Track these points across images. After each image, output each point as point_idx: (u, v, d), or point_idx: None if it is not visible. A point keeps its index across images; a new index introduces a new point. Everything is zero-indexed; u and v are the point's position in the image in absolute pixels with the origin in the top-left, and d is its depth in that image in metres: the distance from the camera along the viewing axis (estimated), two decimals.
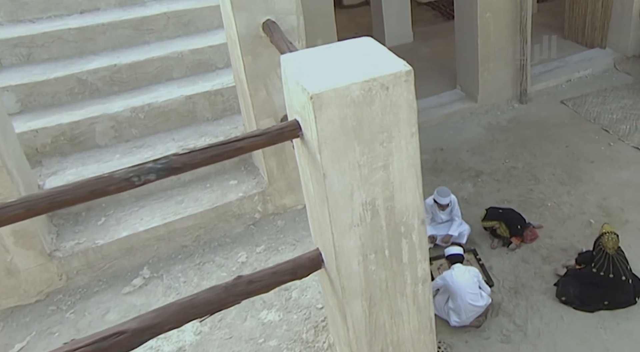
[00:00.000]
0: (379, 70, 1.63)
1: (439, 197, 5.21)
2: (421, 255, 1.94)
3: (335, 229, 1.71)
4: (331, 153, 1.61)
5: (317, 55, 1.75)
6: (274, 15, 2.55)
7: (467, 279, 4.50)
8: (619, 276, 4.45)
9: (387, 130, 1.69)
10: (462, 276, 4.50)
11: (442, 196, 5.22)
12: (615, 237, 4.50)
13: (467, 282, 4.49)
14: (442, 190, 5.28)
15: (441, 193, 5.24)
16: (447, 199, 5.22)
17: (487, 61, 7.38)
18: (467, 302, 4.46)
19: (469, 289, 4.49)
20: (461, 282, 4.47)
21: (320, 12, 6.15)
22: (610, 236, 4.49)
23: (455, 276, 4.49)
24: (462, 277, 4.49)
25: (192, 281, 2.44)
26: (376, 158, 1.70)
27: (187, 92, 3.01)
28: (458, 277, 4.49)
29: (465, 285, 4.48)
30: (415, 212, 1.86)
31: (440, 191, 5.26)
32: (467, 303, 4.47)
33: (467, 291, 4.47)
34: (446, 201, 5.22)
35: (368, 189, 1.72)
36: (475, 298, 4.52)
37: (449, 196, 5.26)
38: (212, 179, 2.87)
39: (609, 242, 4.48)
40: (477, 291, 4.55)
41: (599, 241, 4.56)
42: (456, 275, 4.50)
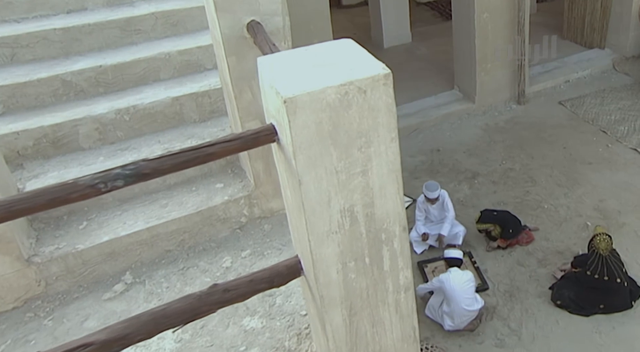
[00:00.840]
0: (356, 74, 1.59)
1: (427, 191, 5.19)
2: (403, 262, 1.90)
3: (312, 237, 1.66)
4: (307, 159, 1.57)
5: (294, 58, 1.71)
6: (258, 16, 2.51)
7: (463, 284, 4.44)
8: (613, 278, 4.40)
9: (365, 135, 1.64)
10: (458, 279, 4.44)
11: (430, 190, 5.19)
12: (607, 239, 4.45)
13: (463, 286, 4.44)
14: (430, 184, 5.25)
15: (429, 187, 5.20)
16: (436, 192, 5.19)
17: (485, 62, 7.33)
18: (462, 307, 4.41)
19: (465, 293, 4.44)
20: (457, 286, 4.41)
21: (316, 12, 6.10)
22: (602, 237, 4.44)
23: (452, 280, 4.43)
24: (458, 281, 4.43)
25: (175, 286, 2.40)
26: (354, 164, 1.65)
27: (173, 93, 2.96)
28: (454, 280, 4.43)
29: (461, 289, 4.42)
30: (397, 218, 1.81)
31: (429, 185, 5.23)
32: (462, 308, 4.42)
33: (462, 296, 4.41)
34: (435, 195, 5.18)
35: (346, 196, 1.67)
36: (470, 303, 4.47)
37: (438, 190, 5.22)
38: (198, 182, 2.83)
39: (601, 244, 4.43)
40: (472, 296, 4.50)
41: (591, 243, 4.51)
42: (453, 278, 4.44)
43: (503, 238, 5.18)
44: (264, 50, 2.21)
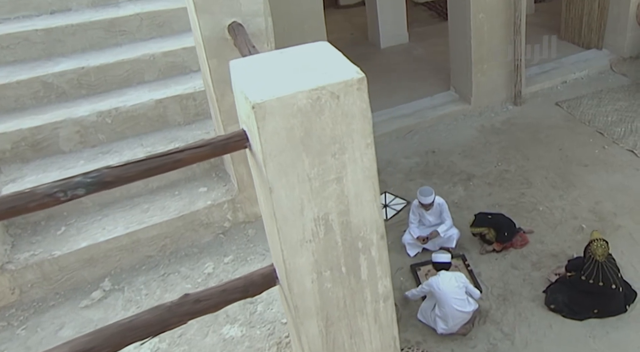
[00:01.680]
0: (329, 78, 1.54)
1: (421, 196, 5.12)
2: (382, 271, 1.85)
3: (285, 246, 1.61)
4: (277, 166, 1.52)
5: (267, 61, 1.66)
6: (240, 18, 2.46)
7: (452, 285, 4.41)
8: (609, 284, 4.35)
9: (339, 141, 1.59)
10: (447, 282, 4.40)
11: (424, 195, 5.12)
12: (604, 244, 4.39)
13: (452, 288, 4.40)
14: (424, 189, 5.18)
15: (423, 192, 5.14)
16: (430, 198, 5.12)
17: (481, 62, 7.28)
18: (453, 308, 4.37)
19: (455, 295, 4.40)
20: (447, 288, 4.37)
21: (309, 12, 6.05)
22: (599, 243, 4.38)
23: (441, 283, 4.40)
24: (447, 284, 4.39)
25: (155, 293, 2.35)
26: (328, 171, 1.61)
27: (157, 95, 2.92)
28: (444, 283, 4.40)
29: (451, 291, 4.38)
30: (374, 226, 1.77)
31: (423, 190, 5.17)
32: (454, 309, 4.38)
33: (453, 297, 4.37)
34: (429, 200, 5.12)
35: (320, 203, 1.63)
36: (462, 304, 4.42)
37: (432, 195, 5.15)
38: (182, 186, 2.79)
39: (598, 249, 4.37)
40: (463, 297, 4.46)
41: (588, 248, 4.46)
42: (442, 281, 4.40)
43: (498, 241, 5.13)
44: (243, 52, 2.17)
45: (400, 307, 4.72)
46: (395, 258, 5.26)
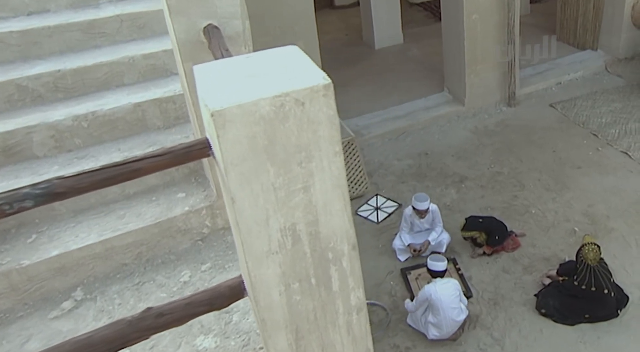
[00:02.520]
0: (293, 84, 1.49)
1: (417, 202, 5.04)
2: (354, 282, 1.80)
3: (250, 257, 1.56)
4: (240, 175, 1.47)
5: (231, 66, 1.61)
6: (216, 20, 2.40)
7: (450, 294, 4.29)
8: (601, 289, 4.29)
9: (305, 149, 1.54)
10: (445, 290, 4.29)
11: (419, 201, 5.05)
12: (596, 248, 4.34)
13: (450, 297, 4.29)
14: (420, 195, 5.11)
15: (419, 198, 5.07)
16: (425, 204, 5.06)
17: (475, 63, 7.23)
18: (450, 317, 4.30)
19: (453, 303, 4.30)
20: (445, 297, 4.27)
21: (300, 13, 5.99)
22: (590, 247, 4.33)
23: (439, 291, 4.27)
24: (445, 292, 4.28)
25: (128, 302, 2.30)
26: (294, 180, 1.55)
27: (136, 99, 2.86)
28: (442, 292, 4.26)
29: (449, 300, 4.28)
30: (344, 236, 1.71)
31: (418, 196, 5.10)
32: (450, 318, 4.31)
33: (450, 306, 4.28)
34: (424, 207, 5.05)
35: (286, 213, 1.57)
36: (458, 313, 4.35)
37: (427, 201, 5.09)
38: (160, 191, 2.73)
39: (590, 254, 4.32)
40: (459, 305, 4.38)
41: (579, 252, 4.41)
42: (440, 289, 4.27)
43: (489, 245, 5.07)
44: (216, 55, 2.11)
45: (389, 312, 4.67)
46: (386, 262, 5.21)
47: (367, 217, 5.77)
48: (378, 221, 5.71)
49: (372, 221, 5.72)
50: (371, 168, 6.50)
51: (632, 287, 4.70)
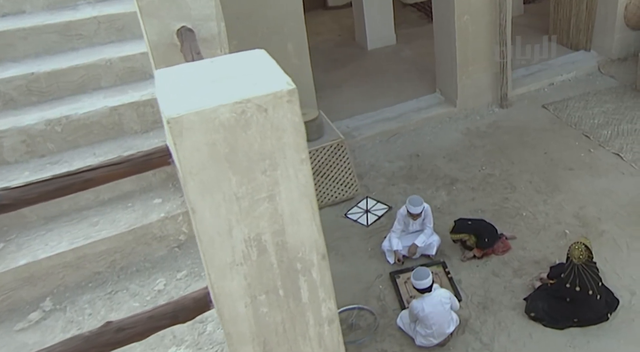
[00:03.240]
0: (256, 90, 1.43)
1: (411, 206, 4.98)
2: (325, 293, 1.74)
3: (212, 269, 1.50)
4: (200, 185, 1.41)
5: (194, 71, 1.55)
6: (190, 22, 2.35)
7: (439, 309, 4.21)
8: (585, 290, 4.24)
9: (269, 157, 1.48)
10: (434, 305, 4.20)
11: (413, 205, 4.99)
12: (582, 247, 4.30)
13: (439, 311, 4.21)
14: (415, 199, 5.05)
15: (413, 202, 5.01)
16: (419, 208, 5.01)
17: (466, 65, 7.18)
18: (440, 331, 4.23)
19: (443, 317, 4.22)
20: (434, 313, 4.18)
21: (289, 13, 5.94)
22: (577, 246, 4.30)
23: (426, 308, 4.18)
24: (434, 308, 4.19)
25: (99, 313, 2.24)
26: (258, 188, 1.50)
27: (112, 102, 2.80)
28: (430, 308, 4.18)
29: (439, 314, 4.20)
30: (313, 246, 1.66)
31: (413, 199, 5.04)
32: (441, 332, 4.25)
33: (441, 321, 4.21)
34: (418, 210, 5.00)
35: (251, 223, 1.52)
36: (449, 324, 4.29)
37: (421, 205, 5.04)
38: (136, 197, 2.67)
39: (574, 252, 4.28)
40: (449, 317, 4.30)
41: (568, 250, 4.38)
42: (428, 306, 4.19)
43: (479, 247, 5.02)
44: (187, 59, 2.06)
45: (377, 317, 4.62)
46: (375, 265, 5.16)
47: (357, 220, 5.72)
48: (368, 224, 5.65)
49: (362, 223, 5.67)
50: (362, 170, 6.45)
51: (623, 291, 4.66)
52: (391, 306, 4.72)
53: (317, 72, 8.62)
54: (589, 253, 4.34)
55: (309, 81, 6.34)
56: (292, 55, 6.09)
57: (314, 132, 5.76)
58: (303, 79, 6.28)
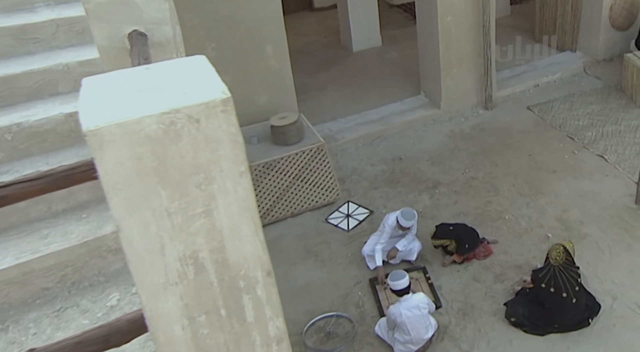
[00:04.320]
0: (187, 99, 1.34)
1: (403, 219, 4.86)
2: (272, 311, 1.65)
3: (144, 290, 1.41)
4: (125, 201, 1.32)
5: (123, 79, 1.46)
6: (142, 26, 2.25)
7: (416, 313, 4.13)
8: (559, 292, 4.17)
9: (204, 170, 1.39)
10: (411, 311, 4.11)
11: (406, 218, 4.88)
12: (561, 249, 4.25)
13: (417, 316, 4.13)
14: (408, 212, 4.94)
15: (406, 215, 4.90)
16: (411, 222, 4.90)
17: (450, 66, 7.12)
18: (418, 337, 4.15)
19: (421, 323, 4.14)
20: (412, 318, 4.10)
21: (268, 15, 5.84)
22: (556, 247, 4.26)
23: (403, 314, 4.10)
24: (412, 313, 4.10)
25: (45, 332, 2.13)
26: (193, 203, 1.41)
27: (69, 109, 2.69)
28: (408, 313, 4.10)
29: (417, 320, 4.11)
30: (257, 263, 1.57)
31: (406, 213, 4.92)
32: (419, 338, 4.16)
33: (418, 327, 4.13)
34: (409, 224, 4.90)
35: (186, 240, 1.43)
36: (426, 329, 4.20)
37: (414, 219, 4.94)
38: (91, 208, 2.56)
39: (552, 252, 4.23)
40: (428, 322, 4.23)
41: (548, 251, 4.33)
42: (405, 311, 4.10)
43: (459, 253, 4.95)
44: (133, 64, 1.95)
45: (355, 324, 4.53)
46: (355, 271, 5.07)
47: (338, 225, 5.63)
48: (348, 229, 5.57)
49: (343, 228, 5.58)
50: (344, 174, 6.36)
51: (605, 295, 4.60)
52: (370, 313, 4.64)
53: (301, 75, 8.55)
54: (568, 256, 4.28)
55: (290, 84, 6.25)
56: (272, 57, 6.00)
57: (293, 136, 5.66)
58: (283, 81, 6.20)
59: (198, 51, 5.52)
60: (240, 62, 5.91)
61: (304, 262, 5.24)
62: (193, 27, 5.59)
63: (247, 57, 5.91)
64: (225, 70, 5.99)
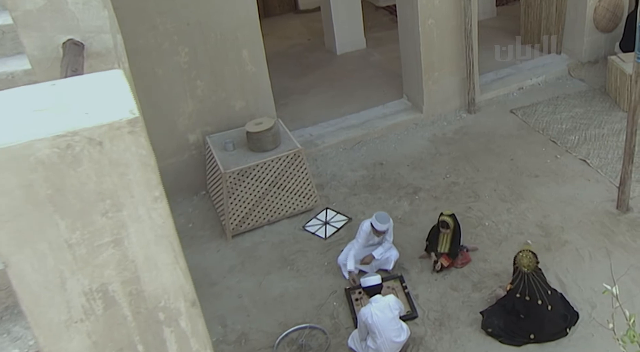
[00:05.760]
0: (88, 120, 1.23)
1: (378, 223, 4.78)
2: (198, 344, 1.54)
3: (42, 330, 1.29)
4: (14, 234, 1.20)
5: (23, 97, 1.34)
6: (79, 35, 2.13)
7: (387, 316, 4.06)
8: (535, 299, 4.09)
9: (110, 196, 1.28)
10: (382, 312, 4.05)
11: (380, 222, 4.79)
12: (530, 255, 4.18)
13: (388, 318, 4.06)
14: (382, 215, 4.85)
15: (380, 219, 4.81)
16: (386, 225, 4.81)
17: (432, 70, 7.02)
18: (389, 340, 4.07)
19: (391, 325, 4.08)
20: (383, 319, 4.03)
21: (242, 20, 5.72)
22: (525, 254, 4.18)
23: (374, 315, 4.03)
24: (382, 314, 4.05)
25: None
26: (99, 233, 1.29)
27: None
28: (378, 314, 4.03)
29: (387, 322, 4.05)
30: (179, 293, 1.45)
31: (380, 216, 4.83)
32: (390, 341, 4.08)
33: (390, 328, 4.05)
34: (384, 228, 4.81)
35: (92, 273, 1.31)
36: (397, 333, 4.13)
37: (388, 222, 4.85)
38: None
39: (523, 260, 4.15)
40: (399, 325, 4.16)
41: (515, 260, 4.23)
42: (375, 313, 4.03)
43: (447, 256, 4.85)
44: (61, 76, 1.83)
45: (329, 336, 4.42)
46: (331, 281, 4.96)
47: (315, 233, 5.52)
48: (326, 237, 5.46)
49: (320, 236, 5.47)
50: (323, 180, 6.25)
51: (584, 304, 4.51)
52: (344, 324, 4.53)
53: (285, 78, 8.45)
54: (537, 259, 4.21)
55: (267, 89, 6.13)
56: (248, 62, 5.88)
57: (269, 142, 5.55)
58: (260, 86, 6.08)
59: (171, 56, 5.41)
60: (215, 67, 5.79)
61: (279, 271, 5.13)
62: (166, 32, 5.46)
63: (222, 62, 5.79)
64: (200, 76, 5.90)
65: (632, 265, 4.82)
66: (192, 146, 6.04)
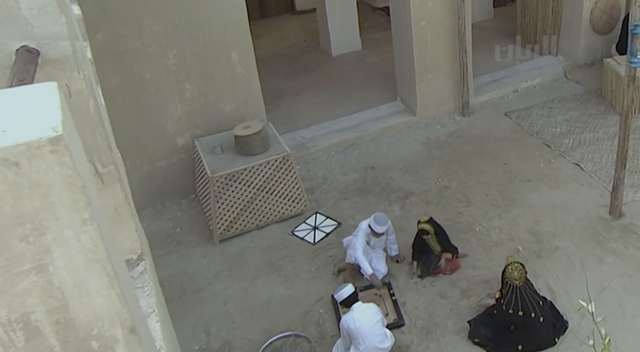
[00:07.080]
0: (3, 139, 1.15)
1: (376, 225, 4.70)
2: None
3: None
4: None
5: None
6: (34, 41, 2.05)
7: (370, 322, 4.01)
8: (528, 314, 4.00)
9: (31, 220, 1.20)
10: (364, 317, 4.00)
11: (378, 223, 4.71)
12: (520, 267, 4.08)
13: (371, 324, 4.00)
14: (380, 217, 4.76)
15: (378, 221, 4.72)
16: (384, 227, 4.73)
17: (425, 72, 6.93)
18: (373, 345, 4.00)
19: (375, 330, 4.02)
20: (365, 325, 3.97)
21: (232, 22, 5.65)
22: (515, 266, 4.08)
23: (356, 320, 3.97)
24: (365, 320, 3.99)
25: None
26: (17, 259, 1.22)
27: None
28: (361, 319, 3.98)
29: (370, 327, 3.99)
30: (115, 319, 1.38)
31: (378, 218, 4.75)
32: (374, 347, 4.01)
33: (373, 334, 4.00)
34: (382, 230, 4.73)
35: (11, 303, 1.24)
36: (381, 339, 4.06)
37: (387, 224, 4.77)
38: None
39: (514, 273, 4.06)
40: (382, 331, 4.09)
41: (504, 274, 4.14)
42: (357, 318, 3.98)
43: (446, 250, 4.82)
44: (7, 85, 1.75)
45: (313, 344, 4.35)
46: (318, 287, 4.89)
47: (304, 238, 5.44)
48: (314, 242, 5.38)
49: (309, 241, 5.40)
50: (314, 184, 6.17)
51: (573, 312, 4.40)
52: (330, 332, 4.45)
53: (279, 79, 8.37)
54: (525, 270, 4.12)
55: (257, 91, 6.05)
56: (237, 64, 5.81)
57: (258, 146, 5.47)
58: (250, 89, 6.01)
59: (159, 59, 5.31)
60: (204, 69, 5.72)
61: (267, 277, 5.06)
62: (153, 34, 5.39)
63: (211, 65, 5.71)
64: (188, 78, 5.83)
65: (623, 272, 4.73)
66: (181, 149, 5.98)
